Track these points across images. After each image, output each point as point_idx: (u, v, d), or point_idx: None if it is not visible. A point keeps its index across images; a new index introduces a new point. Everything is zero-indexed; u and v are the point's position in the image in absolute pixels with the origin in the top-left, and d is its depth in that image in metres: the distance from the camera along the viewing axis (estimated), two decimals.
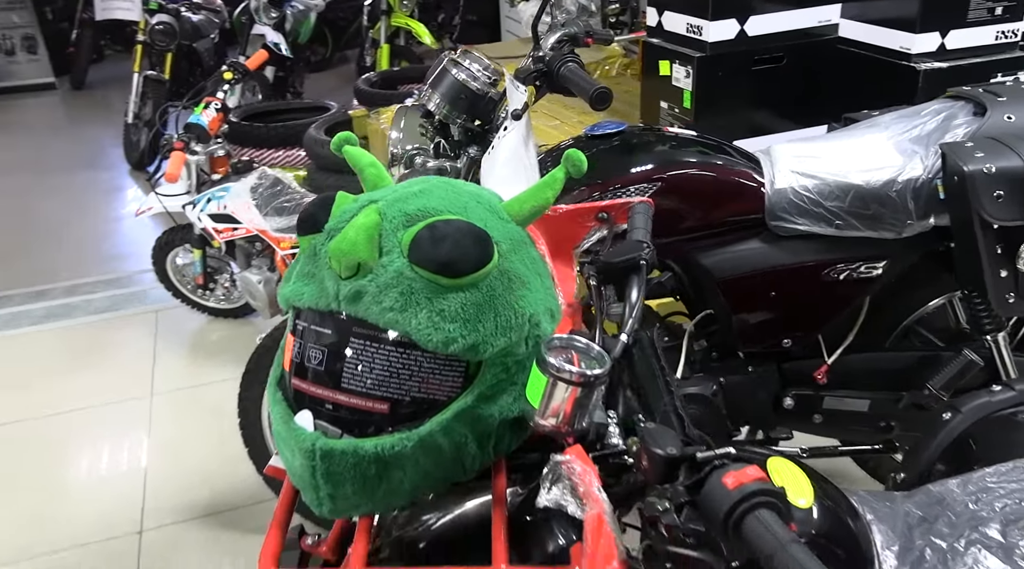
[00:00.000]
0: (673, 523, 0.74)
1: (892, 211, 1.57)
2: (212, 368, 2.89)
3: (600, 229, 1.26)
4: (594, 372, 0.86)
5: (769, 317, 1.69)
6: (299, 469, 0.94)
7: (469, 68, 1.54)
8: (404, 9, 5.98)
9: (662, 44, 2.33)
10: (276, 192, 2.50)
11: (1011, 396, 1.33)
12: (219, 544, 2.11)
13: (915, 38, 2.07)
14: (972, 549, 0.99)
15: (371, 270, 0.90)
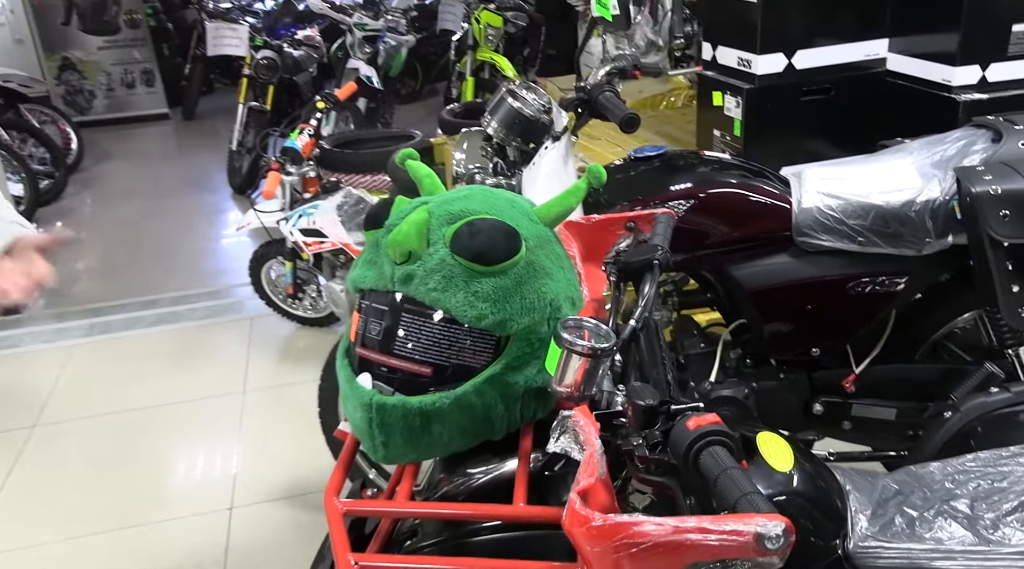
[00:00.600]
0: (643, 455, 0.91)
1: (911, 230, 1.70)
2: (298, 370, 3.16)
3: (627, 237, 1.44)
4: (601, 346, 1.03)
5: (798, 327, 1.83)
6: (359, 421, 1.15)
7: (524, 97, 1.75)
8: (489, 44, 6.27)
9: (715, 76, 2.50)
10: (359, 209, 2.76)
11: (1007, 396, 1.44)
12: (299, 522, 2.35)
13: (955, 71, 2.18)
14: (939, 519, 1.12)
15: (420, 257, 1.11)
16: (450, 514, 1.14)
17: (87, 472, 2.66)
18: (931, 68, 2.26)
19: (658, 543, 0.76)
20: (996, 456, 1.24)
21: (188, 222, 5.22)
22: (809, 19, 2.31)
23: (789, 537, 0.76)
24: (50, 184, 5.77)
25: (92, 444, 2.81)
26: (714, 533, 0.75)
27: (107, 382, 3.21)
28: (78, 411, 3.00)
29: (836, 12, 2.33)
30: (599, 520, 0.78)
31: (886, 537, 1.09)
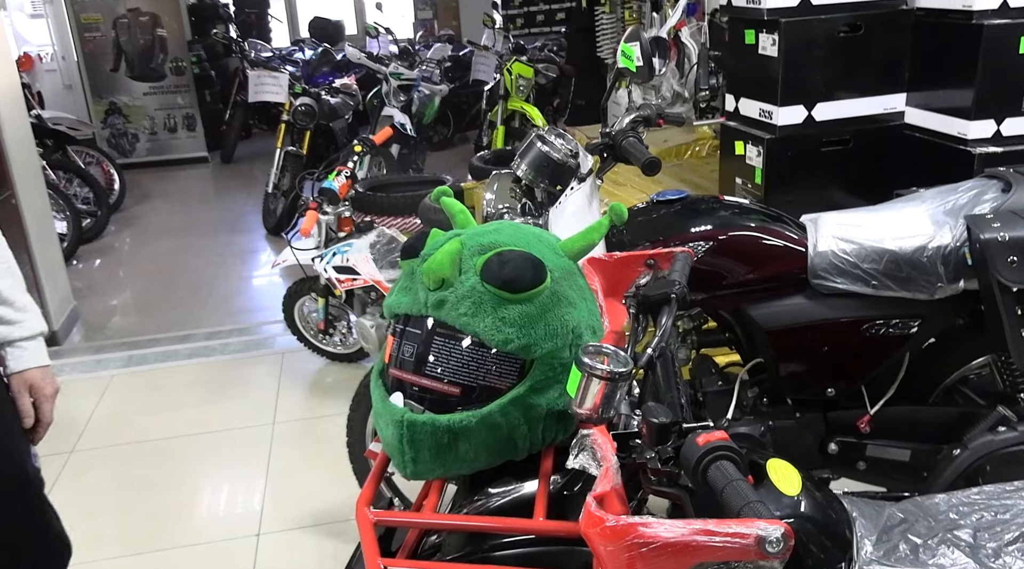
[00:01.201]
0: (656, 467, 0.98)
1: (923, 274, 1.76)
2: (327, 404, 3.24)
3: (647, 273, 1.51)
4: (619, 370, 1.11)
5: (813, 367, 1.88)
6: (391, 437, 1.22)
7: (552, 142, 1.84)
8: (520, 94, 6.44)
9: (738, 127, 2.59)
10: (391, 248, 2.87)
11: (1014, 435, 1.49)
12: (324, 549, 2.41)
13: (970, 125, 2.26)
14: (942, 546, 1.17)
15: (452, 285, 1.19)
16: (473, 526, 1.20)
17: (121, 496, 2.75)
18: (948, 122, 2.34)
19: (667, 543, 0.83)
20: (1000, 490, 1.28)
21: (223, 261, 5.37)
22: (828, 74, 2.41)
23: (788, 541, 0.82)
24: (92, 222, 5.97)
25: (126, 470, 2.90)
26: (719, 535, 0.82)
27: (142, 411, 3.32)
28: (114, 438, 3.09)
29: (856, 68, 2.43)
30: (612, 521, 0.84)
31: (890, 562, 1.14)
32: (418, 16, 11.07)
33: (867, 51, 2.42)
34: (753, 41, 2.46)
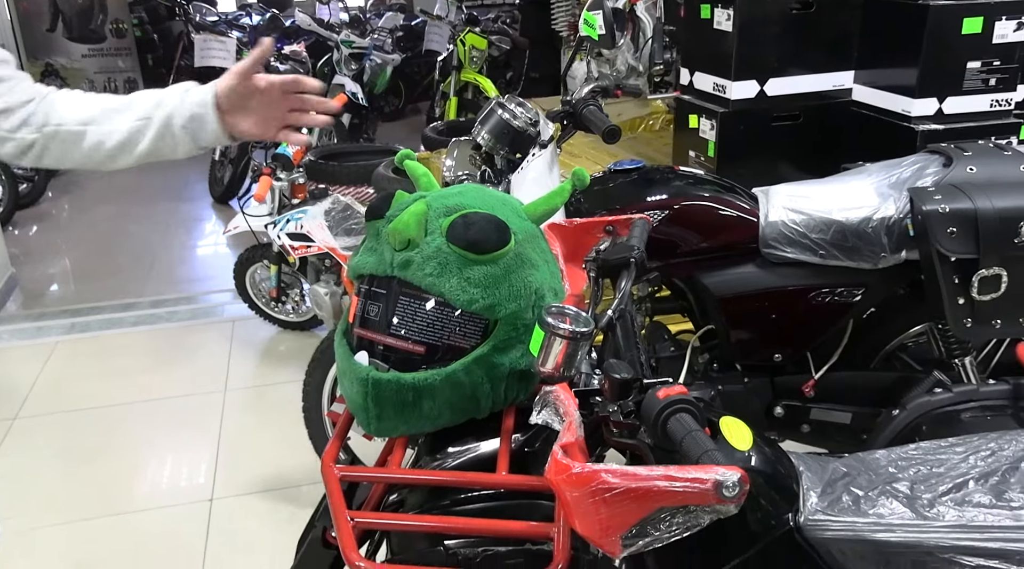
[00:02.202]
0: (618, 420, 1.02)
1: (868, 244, 1.83)
2: (279, 371, 3.23)
3: (606, 239, 1.55)
4: (580, 330, 1.14)
5: (762, 333, 1.95)
6: (355, 395, 1.24)
7: (512, 110, 1.86)
8: (473, 65, 6.42)
9: (692, 100, 2.63)
10: (346, 216, 2.86)
11: (949, 396, 1.57)
12: (279, 514, 2.42)
13: (914, 103, 2.34)
14: (881, 498, 1.23)
15: (418, 245, 1.21)
16: (438, 481, 1.22)
17: (68, 463, 2.71)
18: (893, 99, 2.41)
19: (629, 489, 0.86)
20: (936, 446, 1.35)
21: (167, 229, 5.27)
22: (781, 50, 2.46)
23: (744, 486, 0.87)
24: (29, 187, 5.79)
25: (73, 437, 2.86)
26: (679, 481, 0.86)
27: (88, 378, 3.26)
28: (59, 405, 3.04)
29: (806, 45, 2.49)
30: (578, 468, 0.88)
31: (833, 512, 1.20)
32: None
33: (818, 29, 2.48)
34: (708, 16, 2.50)
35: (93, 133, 1.28)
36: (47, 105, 1.27)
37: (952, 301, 1.73)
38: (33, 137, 1.25)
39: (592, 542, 0.90)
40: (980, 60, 2.32)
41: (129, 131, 1.28)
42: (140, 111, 1.28)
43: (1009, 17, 2.29)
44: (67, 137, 1.27)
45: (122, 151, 1.30)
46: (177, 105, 1.29)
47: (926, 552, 1.15)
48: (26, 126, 1.24)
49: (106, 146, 1.29)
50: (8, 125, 1.24)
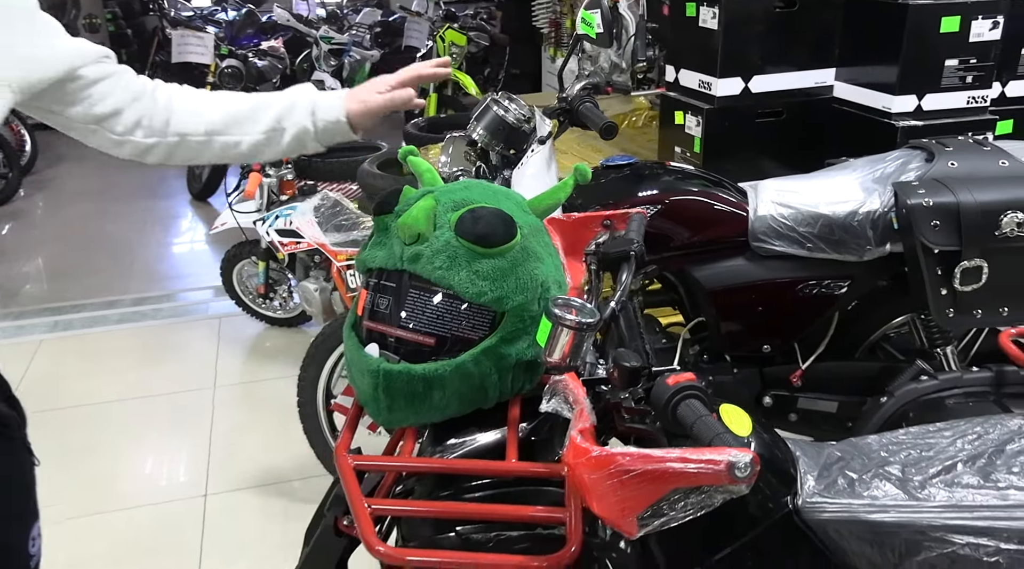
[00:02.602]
0: (630, 406, 1.06)
1: (854, 237, 1.88)
2: (268, 368, 3.24)
3: (604, 233, 1.59)
4: (586, 321, 1.17)
5: (751, 325, 2.00)
6: (366, 387, 1.27)
7: (507, 106, 1.89)
8: (453, 62, 6.43)
9: (678, 97, 2.68)
10: (336, 212, 2.87)
11: (935, 383, 1.62)
12: (273, 509, 2.43)
13: (894, 99, 2.40)
14: (875, 480, 1.28)
15: (427, 239, 1.24)
16: (451, 468, 1.26)
17: (59, 461, 2.70)
18: (873, 96, 2.47)
19: (646, 471, 0.90)
20: (924, 431, 1.41)
21: (144, 227, 5.23)
22: (765, 48, 2.51)
23: (755, 467, 0.91)
24: (3, 185, 5.73)
25: (63, 435, 2.85)
26: (693, 462, 0.89)
27: (75, 376, 3.25)
28: (48, 403, 3.03)
29: (790, 43, 2.54)
30: (597, 451, 0.91)
31: (830, 494, 1.25)
32: None
33: (800, 27, 2.53)
34: (694, 14, 2.54)
35: (220, 142, 1.29)
36: (164, 109, 1.26)
37: (935, 292, 1.79)
38: (152, 141, 1.25)
39: (609, 523, 0.94)
40: (957, 58, 2.39)
41: (256, 143, 1.31)
42: (268, 121, 1.31)
43: (985, 16, 2.36)
44: (193, 145, 1.28)
45: (251, 157, 1.35)
46: (308, 121, 1.33)
47: (918, 531, 1.20)
48: (140, 128, 1.23)
49: (234, 153, 1.32)
50: (121, 127, 1.22)
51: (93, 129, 1.20)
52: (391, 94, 1.35)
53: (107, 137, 1.22)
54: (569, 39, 4.66)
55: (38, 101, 1.13)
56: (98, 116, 1.19)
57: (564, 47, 4.74)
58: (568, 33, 4.66)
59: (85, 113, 1.18)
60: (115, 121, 1.20)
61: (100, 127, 1.20)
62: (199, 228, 5.24)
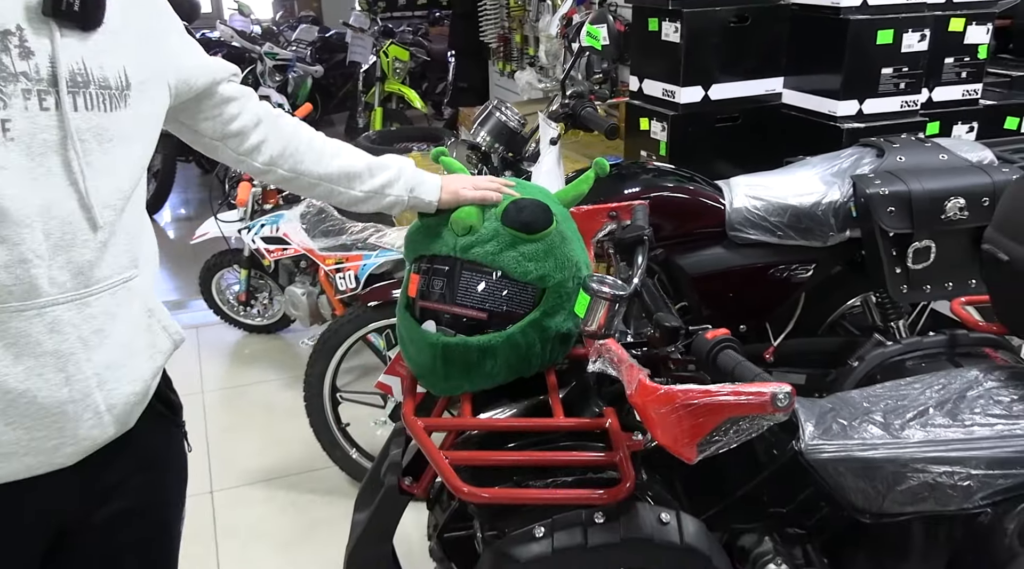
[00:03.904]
0: (677, 358, 1.25)
1: (819, 225, 2.12)
2: (253, 372, 3.33)
3: (610, 224, 1.78)
4: (619, 293, 1.36)
5: (729, 307, 2.21)
6: (424, 359, 1.43)
7: (506, 113, 2.07)
8: (396, 76, 6.58)
9: (642, 105, 2.90)
10: (321, 218, 3.00)
11: (899, 348, 1.86)
12: (280, 500, 2.54)
13: (839, 104, 2.67)
14: (863, 426, 1.50)
15: (477, 230, 1.41)
16: (510, 426, 1.42)
17: None
18: (820, 102, 2.74)
19: (706, 403, 1.09)
20: (897, 385, 1.63)
21: None
22: (722, 59, 2.75)
23: (792, 398, 1.10)
24: None
25: None
26: (743, 394, 1.09)
27: None
28: None
29: (743, 54, 2.78)
30: (664, 389, 1.10)
31: (827, 438, 1.46)
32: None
33: (752, 39, 2.78)
34: (656, 28, 2.77)
35: (327, 189, 1.42)
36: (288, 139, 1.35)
37: (891, 270, 2.04)
38: (267, 168, 1.34)
39: (672, 450, 1.12)
40: (892, 67, 2.67)
41: (355, 198, 1.44)
42: (375, 185, 1.44)
43: (914, 29, 2.65)
44: (303, 184, 1.40)
45: (340, 204, 1.48)
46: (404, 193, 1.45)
47: (902, 464, 1.42)
48: (259, 153, 1.32)
49: (332, 198, 1.45)
50: (243, 148, 1.30)
51: (217, 145, 1.29)
52: (483, 193, 1.45)
53: (229, 154, 1.31)
54: (518, 53, 4.88)
55: (177, 112, 1.22)
56: (226, 134, 1.28)
57: (513, 61, 4.95)
58: (518, 47, 4.87)
59: (214, 130, 1.27)
60: (239, 141, 1.30)
61: (224, 145, 1.29)
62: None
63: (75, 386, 1.04)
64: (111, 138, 1.02)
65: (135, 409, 1.14)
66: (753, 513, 1.51)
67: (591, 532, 1.24)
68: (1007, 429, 1.43)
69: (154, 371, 1.18)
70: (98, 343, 1.05)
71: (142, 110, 1.08)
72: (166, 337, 1.22)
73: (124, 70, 1.04)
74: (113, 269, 1.06)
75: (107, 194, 1.03)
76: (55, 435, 1.04)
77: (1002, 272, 1.53)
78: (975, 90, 2.88)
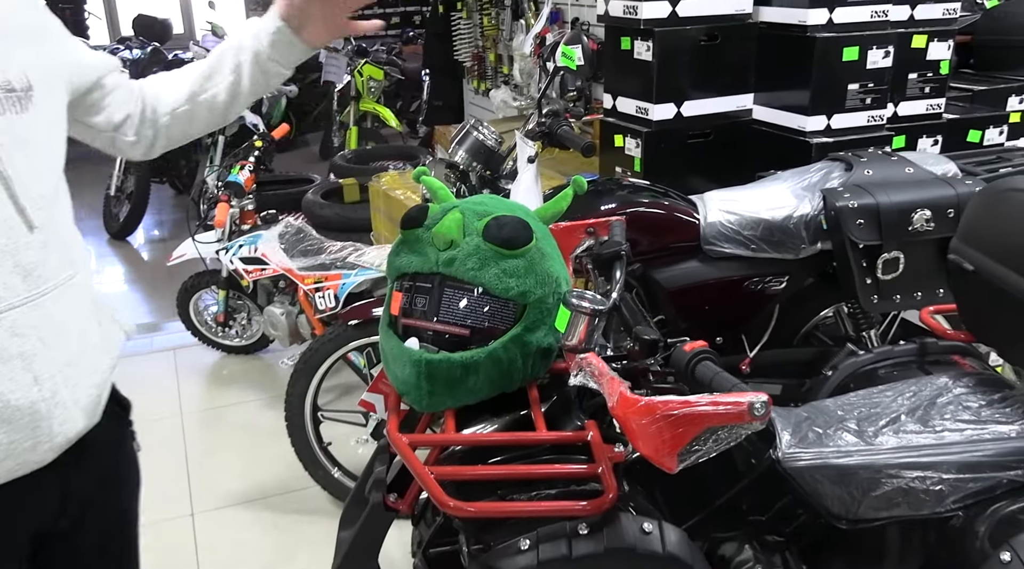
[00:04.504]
0: (656, 370, 1.28)
1: (790, 238, 2.17)
2: (232, 393, 3.32)
3: (588, 240, 1.81)
4: (599, 307, 1.39)
5: (706, 319, 2.25)
6: (408, 376, 1.44)
7: (483, 132, 2.10)
8: (371, 95, 6.60)
9: (616, 122, 2.95)
10: (300, 238, 3.01)
11: (871, 357, 1.90)
12: (262, 522, 2.54)
13: (807, 120, 2.73)
14: (837, 433, 1.53)
15: (459, 245, 1.44)
16: (494, 441, 1.44)
17: None
18: (789, 117, 2.80)
19: (684, 414, 1.12)
20: (870, 393, 1.68)
21: None
22: (693, 77, 2.80)
23: (768, 407, 1.14)
24: None
25: None
26: (722, 405, 1.12)
27: None
28: None
29: (714, 72, 2.84)
30: (644, 401, 1.13)
31: (803, 446, 1.49)
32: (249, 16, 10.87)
33: (722, 57, 2.84)
34: (629, 47, 2.82)
35: (203, 101, 1.37)
36: (152, 98, 1.35)
37: (862, 281, 2.09)
38: (152, 132, 1.35)
39: (653, 460, 1.15)
40: (858, 83, 2.74)
41: (230, 86, 1.37)
42: (230, 63, 1.37)
43: (879, 46, 2.72)
44: (183, 116, 1.37)
45: (230, 105, 1.40)
46: (256, 43, 1.37)
47: (876, 470, 1.46)
48: (143, 125, 1.33)
49: (219, 105, 1.38)
50: (132, 129, 1.32)
51: (112, 136, 1.31)
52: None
53: (123, 141, 1.32)
54: (493, 72, 4.93)
55: (73, 111, 1.23)
56: (116, 123, 1.30)
57: (487, 79, 5.00)
58: (492, 66, 4.91)
59: (107, 121, 1.29)
60: (127, 125, 1.31)
61: (116, 133, 1.31)
62: (120, 267, 5.21)
63: (44, 385, 1.07)
64: (27, 140, 1.06)
65: (100, 400, 1.20)
66: (733, 522, 1.54)
67: (575, 543, 1.26)
68: (976, 434, 1.47)
69: (110, 363, 1.23)
70: (57, 341, 1.09)
71: (47, 110, 1.11)
72: (117, 328, 1.28)
73: (24, 72, 1.07)
74: (56, 268, 1.10)
75: (35, 196, 1.06)
76: (31, 435, 1.07)
77: (968, 281, 1.58)
78: (939, 104, 2.96)
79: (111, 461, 1.29)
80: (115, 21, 11.05)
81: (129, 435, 1.36)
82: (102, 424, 1.21)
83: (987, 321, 1.64)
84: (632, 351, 1.36)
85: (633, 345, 1.36)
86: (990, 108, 3.12)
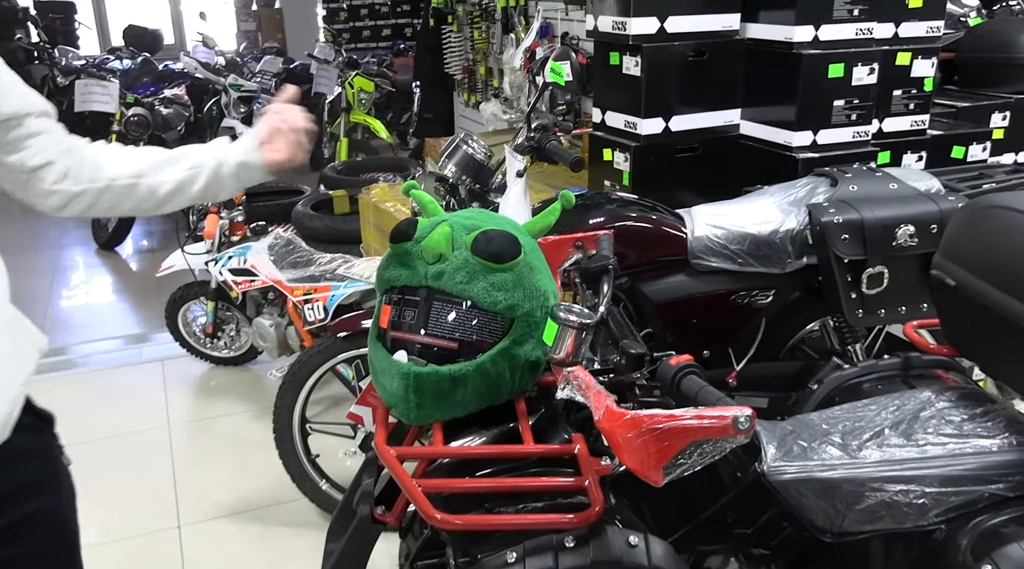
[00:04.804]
0: (643, 384, 1.29)
1: (777, 252, 2.19)
2: (219, 405, 3.31)
3: (576, 253, 1.82)
4: (587, 322, 1.40)
5: (693, 333, 2.27)
6: (397, 389, 1.45)
7: (473, 145, 2.12)
8: (362, 107, 6.62)
9: (605, 136, 2.97)
10: (289, 250, 3.01)
11: (855, 371, 1.92)
12: (252, 535, 2.53)
13: (794, 135, 2.76)
14: (821, 446, 1.55)
15: (448, 259, 1.45)
16: (481, 454, 1.45)
17: None
18: (775, 132, 2.83)
19: (669, 427, 1.13)
20: (854, 406, 1.69)
21: (53, 277, 5.13)
22: (681, 92, 2.83)
23: (752, 421, 1.15)
24: None
25: None
26: (706, 418, 1.13)
27: None
28: None
29: (702, 87, 2.87)
30: (630, 415, 1.14)
31: (788, 459, 1.51)
32: (240, 28, 10.91)
33: (710, 73, 2.87)
34: (618, 62, 2.85)
35: (145, 184, 1.36)
36: (94, 159, 1.32)
37: (847, 295, 2.11)
38: (79, 189, 1.30)
39: (639, 473, 1.16)
40: (843, 99, 2.77)
41: (180, 180, 1.39)
42: (191, 161, 1.40)
43: (864, 63, 2.76)
44: (120, 190, 1.34)
45: (171, 198, 1.40)
46: (224, 155, 1.41)
47: (860, 483, 1.47)
48: (68, 178, 1.29)
49: (155, 196, 1.38)
50: (52, 177, 1.28)
51: (25, 179, 1.27)
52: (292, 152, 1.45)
53: (38, 188, 1.28)
54: (483, 85, 4.96)
55: None
56: (32, 167, 1.25)
57: (478, 92, 5.03)
58: (482, 79, 4.94)
59: (21, 163, 1.25)
60: (47, 171, 1.27)
61: (32, 177, 1.27)
62: (108, 278, 5.19)
63: None
64: None
65: (11, 416, 1.20)
66: (718, 535, 1.55)
67: (562, 556, 1.27)
68: (958, 448, 1.49)
69: (23, 378, 1.24)
70: None
71: None
72: (28, 343, 1.28)
73: None
74: None
75: None
76: None
77: (950, 296, 1.60)
78: (923, 121, 3.00)
79: (36, 470, 1.29)
80: (106, 31, 11.08)
81: (56, 448, 1.36)
82: (20, 437, 1.22)
83: (969, 336, 1.66)
84: (619, 365, 1.37)
85: (620, 359, 1.37)
86: (974, 124, 3.16)
